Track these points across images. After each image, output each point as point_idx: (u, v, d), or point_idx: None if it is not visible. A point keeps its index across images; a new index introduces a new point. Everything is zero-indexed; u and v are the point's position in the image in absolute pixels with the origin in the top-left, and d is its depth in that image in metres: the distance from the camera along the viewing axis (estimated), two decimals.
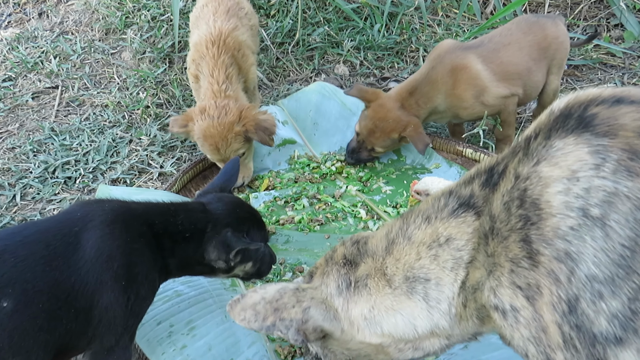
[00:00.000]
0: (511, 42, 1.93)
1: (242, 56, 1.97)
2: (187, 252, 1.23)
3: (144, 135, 2.27)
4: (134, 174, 2.12)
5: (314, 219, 1.82)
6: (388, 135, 1.92)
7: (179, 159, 2.18)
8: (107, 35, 2.98)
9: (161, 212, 1.24)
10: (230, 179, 1.42)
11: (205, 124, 1.81)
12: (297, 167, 2.07)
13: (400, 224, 0.96)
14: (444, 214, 0.89)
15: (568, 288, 0.71)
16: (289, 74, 2.80)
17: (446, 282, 0.88)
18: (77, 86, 2.63)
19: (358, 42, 2.84)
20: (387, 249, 0.94)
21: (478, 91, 1.88)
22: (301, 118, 2.22)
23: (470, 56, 1.88)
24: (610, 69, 2.76)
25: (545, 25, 1.98)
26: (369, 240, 1.00)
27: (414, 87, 1.92)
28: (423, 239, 0.90)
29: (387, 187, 1.97)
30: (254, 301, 0.95)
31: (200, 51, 1.94)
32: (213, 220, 1.26)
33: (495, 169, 0.86)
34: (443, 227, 0.88)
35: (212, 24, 1.96)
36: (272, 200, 1.92)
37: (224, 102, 1.83)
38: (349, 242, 1.04)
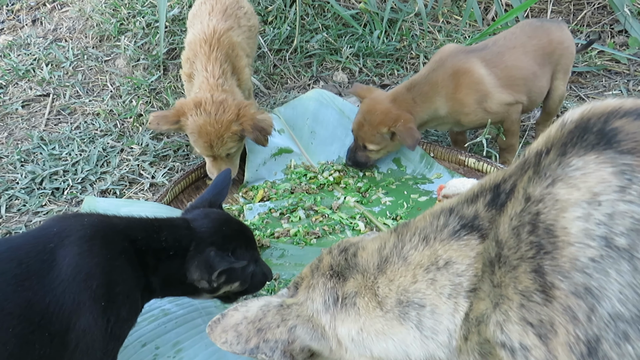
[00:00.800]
0: (516, 46, 1.86)
1: (236, 56, 1.91)
2: (171, 270, 1.15)
3: (135, 144, 2.19)
4: (124, 184, 2.04)
5: (310, 232, 1.74)
6: (376, 128, 1.82)
7: (171, 169, 2.10)
8: (101, 42, 2.93)
9: (144, 227, 1.17)
10: (221, 193, 1.35)
11: (201, 120, 1.73)
12: (293, 177, 2.00)
13: (394, 240, 0.88)
14: (444, 235, 0.81)
15: (587, 327, 0.63)
16: (287, 81, 2.74)
17: (443, 311, 0.80)
18: (69, 94, 2.56)
19: (357, 48, 2.78)
20: (380, 267, 0.87)
21: (481, 96, 1.80)
22: (298, 126, 2.15)
23: (473, 60, 1.81)
24: (614, 75, 2.69)
25: (550, 29, 1.91)
26: (358, 253, 0.92)
27: (412, 85, 1.85)
28: (420, 261, 0.82)
29: (386, 198, 1.89)
30: (236, 321, 0.89)
31: (194, 50, 1.88)
32: (197, 238, 1.19)
33: (501, 187, 0.78)
34: (443, 250, 0.80)
35: (207, 23, 1.90)
36: (267, 211, 1.84)
37: (221, 97, 1.75)
38: (336, 250, 0.96)
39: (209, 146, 1.77)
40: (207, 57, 1.83)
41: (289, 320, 0.89)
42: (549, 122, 2.18)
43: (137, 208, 1.74)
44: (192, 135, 1.78)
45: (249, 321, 0.88)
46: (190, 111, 1.75)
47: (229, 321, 0.89)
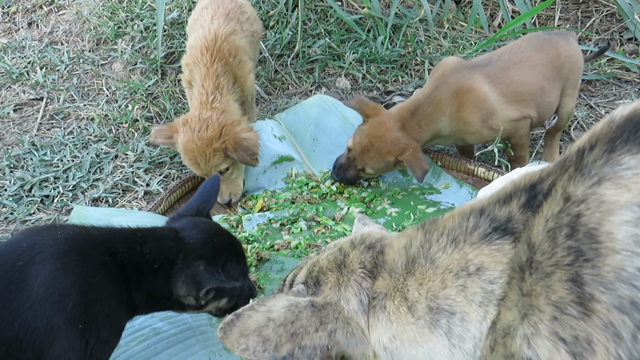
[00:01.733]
0: (522, 60, 1.78)
1: (239, 63, 1.84)
2: (155, 285, 1.07)
3: (130, 150, 2.11)
4: (118, 192, 1.96)
5: (312, 245, 1.65)
6: (383, 157, 1.76)
7: (166, 177, 2.02)
8: (98, 45, 2.85)
9: (126, 239, 1.08)
10: (208, 201, 1.27)
11: (185, 138, 1.72)
12: (294, 187, 1.91)
13: (421, 239, 0.80)
14: (474, 238, 0.74)
15: (632, 348, 0.56)
16: (288, 87, 2.66)
17: (473, 319, 0.74)
18: (63, 98, 2.48)
19: (360, 54, 2.70)
20: (408, 268, 0.80)
21: (485, 115, 1.73)
22: (300, 133, 2.06)
23: (476, 76, 1.73)
24: (625, 84, 2.62)
25: (558, 43, 1.84)
26: (385, 250, 0.85)
27: (416, 107, 1.77)
28: (449, 265, 0.75)
29: (392, 209, 1.80)
30: (258, 323, 0.76)
31: (194, 56, 1.81)
32: (185, 250, 1.11)
33: (538, 187, 0.70)
34: (474, 254, 0.73)
35: (208, 27, 1.83)
36: (267, 222, 1.75)
37: (207, 115, 1.72)
38: (362, 246, 0.87)
39: (195, 163, 1.75)
40: (207, 69, 1.78)
41: (328, 323, 0.78)
42: (558, 133, 2.10)
43: (130, 218, 1.65)
44: (181, 153, 1.78)
45: (277, 324, 0.76)
46: (180, 127, 1.74)
47: (249, 323, 0.76)
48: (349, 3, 2.97)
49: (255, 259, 1.60)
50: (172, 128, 1.77)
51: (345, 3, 2.97)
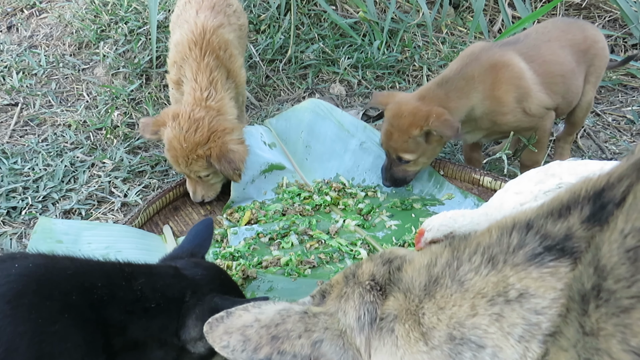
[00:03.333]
0: (551, 39, 1.66)
1: (230, 57, 1.71)
2: (149, 329, 0.91)
3: (107, 158, 1.95)
4: (92, 203, 1.79)
5: (304, 261, 1.49)
6: (407, 132, 1.56)
7: (146, 187, 1.86)
8: (80, 49, 2.71)
9: (108, 272, 0.92)
10: (202, 244, 1.15)
11: (172, 135, 1.60)
12: (285, 197, 1.76)
13: (448, 257, 0.67)
14: (519, 258, 0.59)
15: None
16: (280, 93, 2.53)
17: (508, 356, 0.60)
18: (39, 103, 2.33)
19: (356, 59, 2.58)
20: (427, 289, 0.67)
21: (521, 94, 1.58)
22: (291, 140, 1.92)
23: (510, 53, 1.60)
24: (631, 91, 2.51)
25: (585, 26, 1.73)
26: (403, 266, 0.73)
27: (443, 80, 1.60)
28: (482, 289, 0.62)
29: (391, 222, 1.65)
30: (244, 322, 0.72)
31: (182, 52, 1.68)
32: (192, 286, 0.98)
33: (606, 194, 0.56)
34: (516, 277, 0.59)
35: (194, 21, 1.70)
36: (255, 236, 1.60)
37: (199, 115, 1.59)
38: (379, 259, 0.77)
39: (175, 162, 1.63)
40: (198, 64, 1.65)
41: (314, 332, 0.72)
42: (572, 135, 1.97)
43: (103, 232, 1.50)
44: (165, 146, 1.64)
45: (261, 325, 0.71)
46: (169, 121, 1.61)
47: (236, 322, 0.72)
48: (344, 7, 2.86)
49: (241, 277, 1.44)
50: (159, 122, 1.64)
51: (340, 7, 2.86)
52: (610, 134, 2.24)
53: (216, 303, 0.95)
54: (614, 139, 2.20)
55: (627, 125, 2.29)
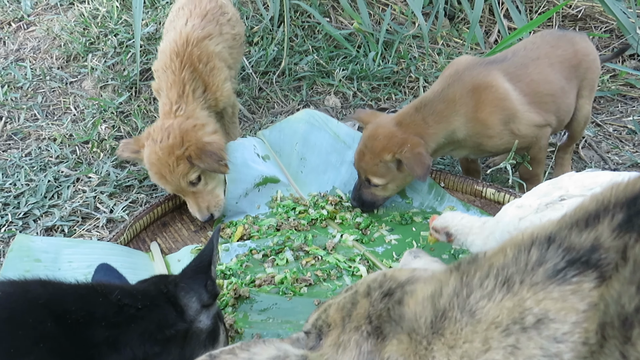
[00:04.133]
0: (540, 57, 1.60)
1: (211, 70, 1.64)
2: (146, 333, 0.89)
3: (93, 173, 1.87)
4: (76, 220, 1.70)
5: (300, 279, 1.41)
6: (379, 156, 1.51)
7: (134, 202, 1.77)
8: (68, 62, 2.64)
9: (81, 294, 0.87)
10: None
11: (149, 150, 1.54)
12: (279, 212, 1.68)
13: (456, 284, 0.59)
14: (538, 277, 0.52)
15: None
16: (273, 105, 2.46)
17: None
18: (24, 117, 2.25)
19: (351, 71, 2.53)
20: (435, 326, 0.58)
21: (507, 116, 1.52)
22: (286, 152, 1.85)
23: (494, 72, 1.54)
24: (630, 100, 2.47)
25: (574, 39, 1.67)
26: (405, 300, 0.64)
27: (421, 104, 1.54)
28: (496, 318, 0.54)
29: (391, 236, 1.58)
30: None
31: (163, 61, 1.63)
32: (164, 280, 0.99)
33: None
34: (534, 300, 0.52)
35: (180, 30, 1.65)
36: (248, 253, 1.51)
37: (168, 123, 1.54)
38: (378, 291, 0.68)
39: (161, 177, 1.55)
40: (174, 76, 1.60)
41: None
42: (571, 147, 1.91)
43: (85, 249, 1.41)
44: (148, 170, 1.58)
45: None
46: (145, 142, 1.57)
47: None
48: (338, 19, 2.82)
49: (233, 296, 1.35)
50: (139, 142, 1.58)
51: (334, 19, 2.83)
52: (612, 144, 2.19)
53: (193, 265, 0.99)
54: (617, 149, 2.15)
55: (628, 135, 2.25)
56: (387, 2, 2.88)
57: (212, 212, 1.61)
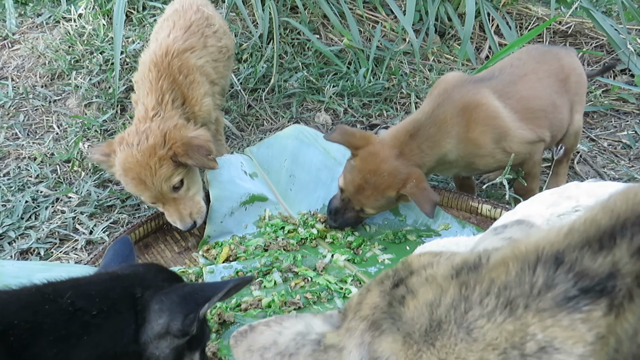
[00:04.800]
0: (527, 73, 1.57)
1: (190, 83, 1.58)
2: (100, 345, 0.77)
3: (73, 192, 1.79)
4: (53, 242, 1.62)
5: (288, 302, 1.33)
6: (382, 193, 1.46)
7: (115, 222, 1.70)
8: (52, 80, 2.59)
9: (23, 303, 0.77)
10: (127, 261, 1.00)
11: (123, 155, 1.44)
12: (267, 231, 1.61)
13: (455, 295, 0.55)
14: (546, 303, 0.47)
15: None
16: (263, 122, 2.41)
17: None
18: (4, 136, 2.18)
19: (341, 87, 2.49)
20: (428, 335, 0.56)
21: (498, 134, 1.48)
22: (274, 169, 1.79)
23: (483, 91, 1.50)
24: (624, 115, 2.45)
25: (559, 54, 1.65)
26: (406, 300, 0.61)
27: (415, 129, 1.48)
28: (494, 340, 0.49)
29: (384, 256, 1.51)
30: (264, 343, 0.72)
31: (143, 72, 1.57)
32: (139, 280, 0.86)
33: None
34: (540, 326, 0.46)
35: (161, 42, 1.59)
36: (234, 274, 1.43)
37: (145, 127, 1.46)
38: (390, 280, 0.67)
39: (139, 182, 1.43)
40: (151, 85, 1.53)
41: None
42: (563, 165, 1.87)
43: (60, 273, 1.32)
44: (121, 178, 1.47)
45: (277, 351, 0.71)
46: (117, 147, 1.47)
47: (258, 340, 0.73)
48: (327, 36, 2.80)
49: (217, 322, 1.27)
50: (110, 146, 1.49)
51: (324, 36, 2.81)
52: (607, 158, 2.15)
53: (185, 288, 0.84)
54: (612, 164, 2.11)
55: (623, 150, 2.21)
56: (377, 19, 2.87)
57: (195, 220, 1.52)
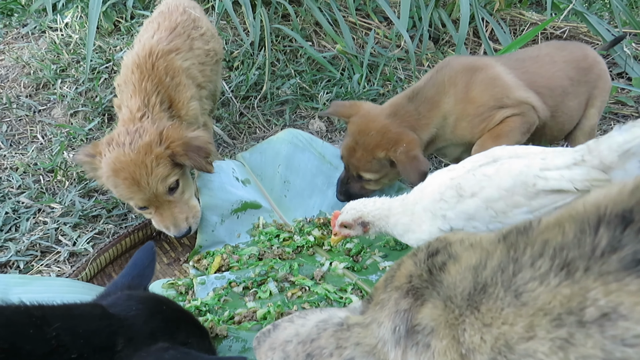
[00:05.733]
0: (540, 55, 1.53)
1: (177, 85, 1.51)
2: None
3: (56, 202, 1.70)
4: (34, 255, 1.53)
5: (285, 313, 1.24)
6: (372, 153, 1.41)
7: (100, 233, 1.61)
8: (37, 90, 2.51)
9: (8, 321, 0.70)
10: (143, 274, 0.93)
11: (113, 155, 1.34)
12: (262, 240, 1.53)
13: (502, 258, 0.51)
14: (611, 266, 0.42)
15: None
16: (255, 130, 2.34)
17: None
18: None
19: (335, 94, 2.44)
20: (471, 299, 0.52)
21: (499, 92, 1.41)
22: (267, 175, 1.71)
23: (486, 58, 1.48)
24: (623, 118, 2.42)
25: (583, 46, 1.61)
26: (447, 265, 0.58)
27: (414, 93, 1.46)
28: (547, 304, 0.45)
29: (385, 263, 1.43)
30: (286, 337, 0.71)
31: (125, 74, 1.49)
32: (125, 328, 0.78)
33: None
34: (602, 290, 0.42)
35: (145, 43, 1.52)
36: (226, 286, 1.35)
37: (136, 126, 1.38)
38: (424, 251, 0.64)
39: (133, 183, 1.33)
40: (134, 87, 1.46)
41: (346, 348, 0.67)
42: None
43: (39, 287, 1.24)
44: (110, 180, 1.36)
45: (299, 340, 0.70)
46: (104, 149, 1.37)
47: (280, 336, 0.72)
48: (320, 43, 2.76)
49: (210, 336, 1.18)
50: (96, 147, 1.41)
51: (316, 43, 2.76)
52: None
53: (165, 354, 0.74)
54: None
55: None
56: (370, 26, 2.84)
57: (191, 225, 1.43)
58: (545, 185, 1.03)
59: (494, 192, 1.05)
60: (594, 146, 1.03)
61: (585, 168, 1.03)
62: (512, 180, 1.04)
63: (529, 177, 1.04)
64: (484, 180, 1.06)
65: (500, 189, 1.05)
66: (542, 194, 1.04)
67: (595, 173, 1.01)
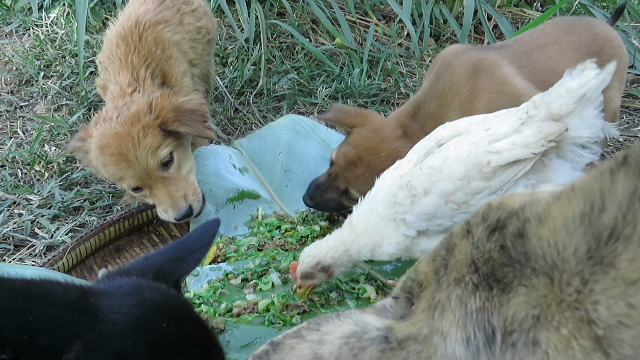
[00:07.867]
0: (547, 44, 1.41)
1: (168, 59, 1.37)
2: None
3: (34, 194, 1.55)
4: (7, 248, 1.37)
5: (291, 305, 1.09)
6: (376, 175, 1.26)
7: (81, 225, 1.45)
8: (20, 87, 2.37)
9: None
10: (186, 259, 0.72)
11: (101, 131, 1.22)
12: (261, 230, 1.38)
13: (628, 183, 0.39)
14: None
15: None
16: (251, 126, 2.22)
17: None
18: None
19: (335, 89, 2.33)
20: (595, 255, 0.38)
21: (508, 102, 1.27)
22: (267, 164, 1.58)
23: (489, 55, 1.33)
24: (634, 111, 2.33)
25: (593, 23, 1.49)
26: (529, 229, 0.42)
27: (416, 108, 1.33)
28: None
29: None
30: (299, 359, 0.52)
31: (109, 50, 1.35)
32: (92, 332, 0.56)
33: None
34: None
35: (130, 13, 1.39)
36: (223, 277, 1.20)
37: (125, 100, 1.25)
38: (481, 228, 0.47)
39: (122, 160, 1.19)
40: (121, 62, 1.32)
41: None
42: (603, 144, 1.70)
43: None
44: (99, 161, 1.23)
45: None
46: (94, 128, 1.26)
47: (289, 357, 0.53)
48: (318, 40, 2.66)
49: None
50: (87, 130, 1.29)
51: (314, 39, 2.67)
52: None
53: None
54: None
55: None
56: (368, 23, 2.75)
57: (191, 204, 1.26)
58: (499, 160, 0.94)
59: (448, 184, 0.96)
60: (539, 99, 0.96)
61: (535, 124, 0.94)
62: (463, 167, 0.95)
63: (480, 156, 0.95)
64: (434, 174, 0.97)
65: (454, 179, 0.96)
66: (499, 171, 0.94)
67: (548, 126, 0.93)
